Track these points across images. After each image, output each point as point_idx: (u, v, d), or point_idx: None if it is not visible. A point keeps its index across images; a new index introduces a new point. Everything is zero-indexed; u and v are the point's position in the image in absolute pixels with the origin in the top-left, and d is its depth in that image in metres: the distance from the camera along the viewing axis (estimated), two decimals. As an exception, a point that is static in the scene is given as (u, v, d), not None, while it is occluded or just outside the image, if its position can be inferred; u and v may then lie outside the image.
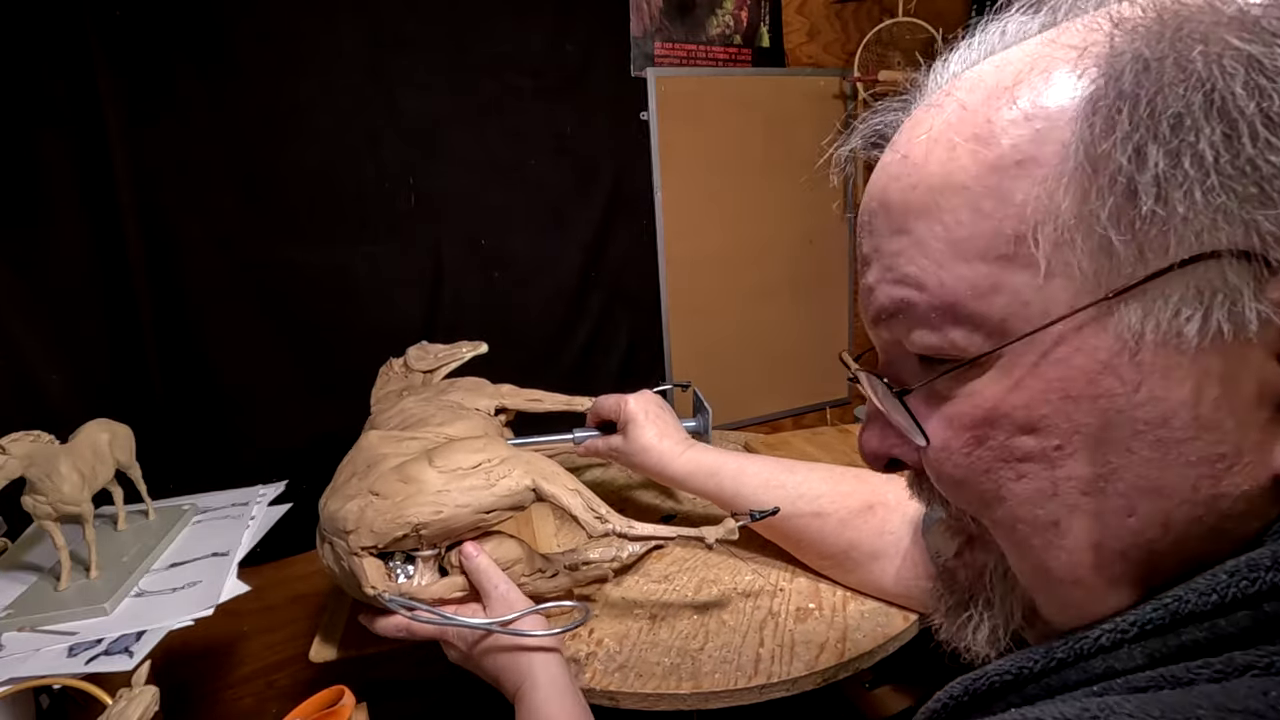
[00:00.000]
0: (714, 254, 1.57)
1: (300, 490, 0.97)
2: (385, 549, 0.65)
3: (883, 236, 0.30)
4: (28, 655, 0.64)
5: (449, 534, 0.65)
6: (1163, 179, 0.22)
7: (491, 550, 0.67)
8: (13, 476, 0.66)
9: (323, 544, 0.69)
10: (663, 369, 1.56)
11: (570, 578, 0.71)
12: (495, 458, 0.66)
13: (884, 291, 0.30)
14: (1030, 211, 0.25)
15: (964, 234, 0.26)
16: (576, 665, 0.64)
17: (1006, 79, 0.27)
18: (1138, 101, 0.23)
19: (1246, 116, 0.21)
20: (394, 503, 0.63)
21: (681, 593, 0.74)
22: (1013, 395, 0.27)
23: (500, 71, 1.27)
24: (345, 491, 0.67)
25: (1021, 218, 0.25)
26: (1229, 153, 0.22)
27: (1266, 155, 0.21)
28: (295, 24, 1.12)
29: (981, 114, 0.27)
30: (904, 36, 1.62)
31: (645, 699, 0.61)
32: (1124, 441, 0.25)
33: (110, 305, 1.07)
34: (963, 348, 0.28)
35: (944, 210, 0.27)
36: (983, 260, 0.26)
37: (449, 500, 0.63)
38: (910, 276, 0.28)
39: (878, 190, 0.31)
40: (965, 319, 0.27)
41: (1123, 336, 0.24)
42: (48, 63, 0.99)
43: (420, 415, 0.81)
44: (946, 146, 0.27)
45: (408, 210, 1.25)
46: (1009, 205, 0.26)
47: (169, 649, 0.67)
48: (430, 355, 1.02)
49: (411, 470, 0.65)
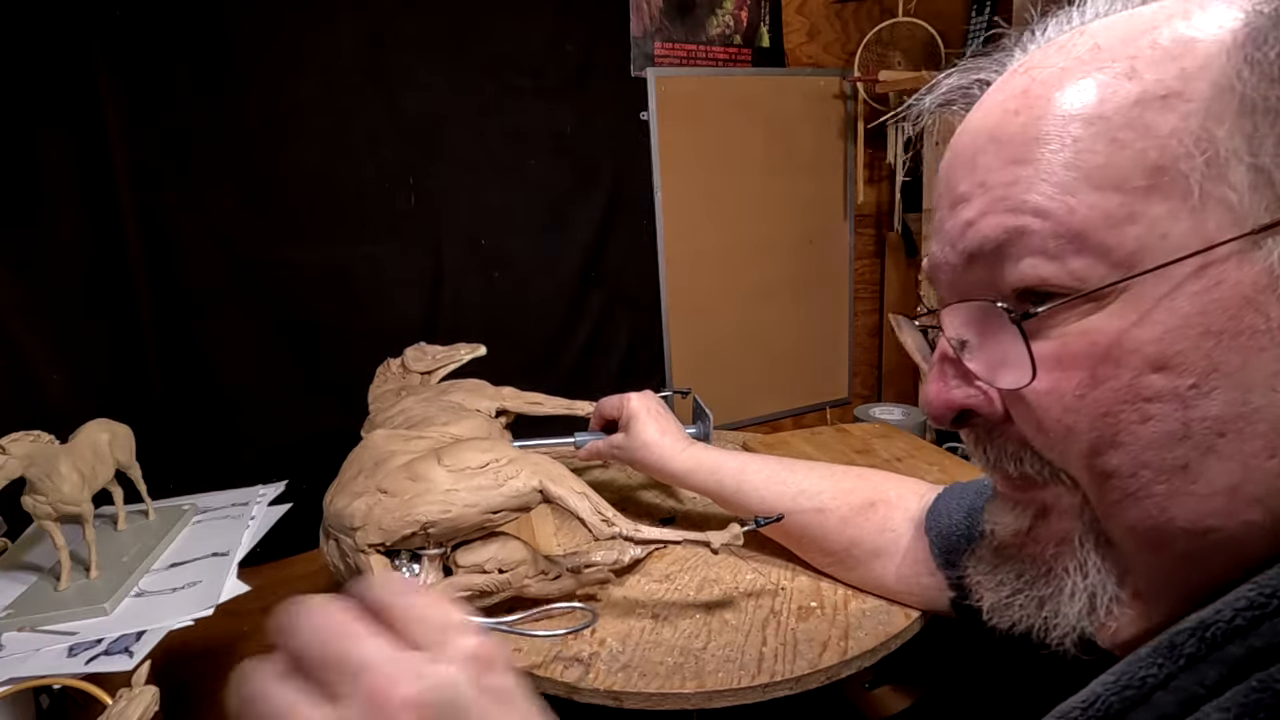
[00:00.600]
0: (714, 254, 1.57)
1: (300, 490, 0.97)
2: (392, 547, 0.65)
3: (993, 170, 0.29)
4: (28, 655, 0.64)
5: (456, 533, 0.65)
6: None
7: (496, 552, 0.66)
8: (13, 476, 0.66)
9: (327, 540, 0.69)
10: (663, 369, 1.56)
11: (574, 579, 0.71)
12: (503, 458, 0.66)
13: (992, 222, 0.28)
14: (1177, 143, 0.25)
15: (1098, 162, 0.26)
16: (581, 665, 0.64)
17: (1143, 24, 0.27)
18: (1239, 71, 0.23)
19: None
20: (402, 500, 0.63)
21: (683, 592, 0.74)
22: (1139, 330, 0.26)
23: (500, 71, 1.27)
24: (352, 488, 0.67)
25: (1166, 149, 0.25)
26: None
27: None
28: (295, 24, 1.12)
29: (1121, 51, 0.27)
30: (904, 36, 1.62)
31: (649, 699, 0.60)
32: (1268, 381, 0.24)
33: (110, 305, 1.07)
34: (1083, 278, 0.26)
35: (1077, 139, 0.26)
36: (1118, 190, 0.26)
37: (457, 500, 0.63)
38: (1030, 204, 0.27)
39: (987, 127, 0.30)
40: (1092, 248, 0.26)
41: (1273, 270, 0.24)
42: (48, 62, 0.99)
43: (423, 415, 0.81)
44: (1080, 79, 0.27)
45: (408, 210, 1.25)
46: (1152, 136, 0.25)
47: (169, 649, 0.67)
48: (428, 356, 1.02)
49: (420, 468, 0.65)
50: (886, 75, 1.50)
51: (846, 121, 1.65)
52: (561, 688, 0.62)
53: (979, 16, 1.34)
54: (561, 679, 0.62)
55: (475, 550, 0.67)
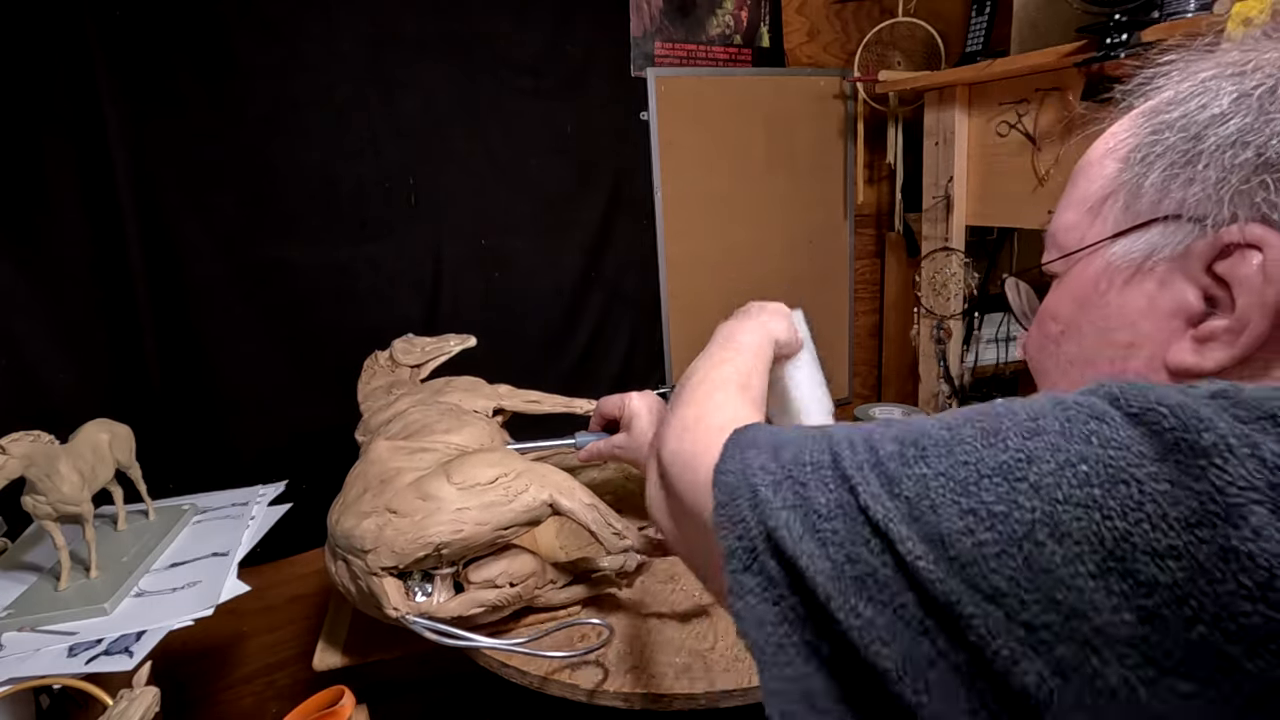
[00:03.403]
0: (714, 254, 1.57)
1: (300, 490, 0.97)
2: (404, 570, 0.64)
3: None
4: (28, 655, 0.64)
5: (468, 551, 0.64)
6: (1150, 185, 0.36)
7: (507, 565, 0.66)
8: (13, 476, 0.66)
9: (335, 561, 0.67)
10: (663, 369, 1.56)
11: (582, 586, 0.71)
12: (512, 471, 0.65)
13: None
14: (1109, 181, 0.38)
15: (1076, 193, 0.40)
16: (594, 668, 0.63)
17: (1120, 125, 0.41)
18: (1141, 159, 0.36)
19: (1168, 161, 0.34)
20: (413, 521, 0.62)
21: (688, 592, 0.74)
22: (1054, 296, 0.40)
23: (500, 71, 1.27)
24: (359, 508, 0.66)
25: (1105, 186, 0.38)
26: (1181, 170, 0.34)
27: (1188, 172, 0.34)
28: (295, 24, 1.12)
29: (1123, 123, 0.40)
30: (904, 36, 1.62)
31: (659, 699, 0.60)
32: (1097, 331, 0.37)
33: (110, 305, 1.07)
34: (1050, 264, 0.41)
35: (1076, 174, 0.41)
36: (1076, 210, 0.39)
37: (469, 518, 0.62)
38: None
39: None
40: (1056, 245, 0.41)
41: (1110, 262, 0.37)
42: (48, 63, 0.99)
43: (422, 421, 0.79)
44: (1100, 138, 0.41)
45: (408, 210, 1.25)
46: (1101, 178, 0.38)
47: (169, 649, 0.67)
48: (417, 349, 0.99)
49: (429, 487, 0.64)
50: (886, 75, 1.50)
51: (846, 121, 1.65)
52: (570, 690, 0.62)
53: (979, 16, 1.34)
54: (571, 681, 0.62)
55: (486, 566, 0.66)
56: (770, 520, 0.29)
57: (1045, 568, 0.23)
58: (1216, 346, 0.33)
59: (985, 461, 0.26)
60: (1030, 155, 1.23)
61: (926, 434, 0.28)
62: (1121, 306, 0.36)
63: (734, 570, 0.30)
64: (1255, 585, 0.20)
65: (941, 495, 0.26)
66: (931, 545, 0.25)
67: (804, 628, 0.28)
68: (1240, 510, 0.21)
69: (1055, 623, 0.22)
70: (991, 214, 1.37)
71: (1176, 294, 0.34)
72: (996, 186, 1.34)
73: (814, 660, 0.27)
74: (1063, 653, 0.22)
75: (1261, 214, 0.31)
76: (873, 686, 0.26)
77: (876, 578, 0.26)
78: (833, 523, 0.28)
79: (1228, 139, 0.32)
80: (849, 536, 0.27)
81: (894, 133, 1.60)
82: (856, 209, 1.71)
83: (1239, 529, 0.20)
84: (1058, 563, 0.23)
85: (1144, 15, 0.99)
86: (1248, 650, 0.20)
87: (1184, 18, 0.97)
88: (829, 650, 0.27)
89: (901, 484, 0.27)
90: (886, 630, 0.25)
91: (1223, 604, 0.20)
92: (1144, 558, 0.21)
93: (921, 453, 0.27)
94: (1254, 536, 0.20)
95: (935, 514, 0.25)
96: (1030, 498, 0.24)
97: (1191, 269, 0.33)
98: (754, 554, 0.29)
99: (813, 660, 0.27)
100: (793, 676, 0.27)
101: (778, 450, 0.32)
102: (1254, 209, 0.31)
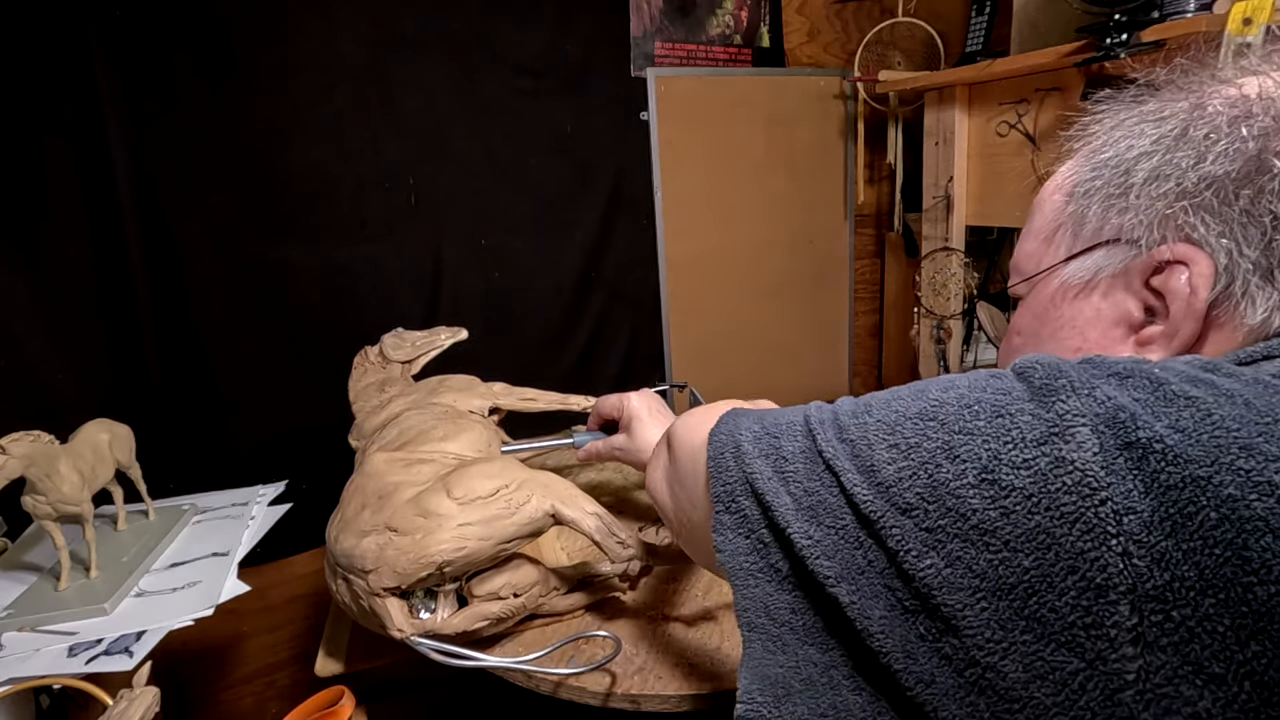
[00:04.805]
0: (714, 254, 1.57)
1: (300, 490, 0.97)
2: (407, 589, 0.63)
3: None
4: (28, 655, 0.64)
5: (471, 567, 0.63)
6: (1092, 215, 0.41)
7: (510, 576, 0.65)
8: (13, 476, 0.66)
9: (335, 579, 0.66)
10: (663, 369, 1.56)
11: (585, 593, 0.70)
12: (513, 482, 0.64)
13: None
14: (1062, 214, 0.44)
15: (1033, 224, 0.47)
16: (599, 673, 0.63)
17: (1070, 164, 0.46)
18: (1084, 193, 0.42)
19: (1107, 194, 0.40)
20: (415, 540, 0.61)
21: (691, 593, 0.74)
22: (1018, 314, 0.47)
23: (500, 71, 1.28)
24: (358, 526, 0.64)
25: (1059, 218, 0.44)
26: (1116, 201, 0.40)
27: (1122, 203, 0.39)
28: (295, 24, 1.12)
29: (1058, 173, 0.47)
30: (904, 36, 1.62)
31: (667, 700, 0.60)
32: (1054, 342, 0.43)
33: (110, 305, 1.07)
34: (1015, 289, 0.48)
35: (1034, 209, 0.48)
36: (1035, 240, 0.45)
37: (471, 534, 0.61)
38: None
39: None
40: (1019, 270, 0.47)
41: (1065, 282, 0.42)
42: (48, 63, 0.99)
43: (419, 427, 0.77)
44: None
45: (408, 210, 1.25)
46: (1054, 211, 0.45)
47: (169, 649, 0.67)
48: (407, 344, 0.96)
49: (429, 503, 0.63)
50: (886, 75, 1.50)
51: (846, 121, 1.65)
52: (576, 693, 0.62)
53: (979, 16, 1.34)
54: (579, 685, 0.62)
55: (489, 579, 0.65)
56: (748, 467, 0.36)
57: (941, 482, 0.29)
58: (1155, 349, 0.38)
59: (910, 409, 0.32)
60: (1030, 155, 1.23)
61: (876, 397, 0.35)
62: (1073, 317, 0.42)
63: (719, 511, 0.36)
64: (1073, 484, 0.27)
65: (876, 436, 0.32)
66: (865, 475, 0.31)
67: (768, 553, 0.34)
68: (1071, 429, 0.28)
69: (946, 524, 0.29)
70: (991, 214, 1.37)
71: (1119, 305, 0.40)
72: (996, 186, 1.34)
73: (774, 580, 0.34)
74: (952, 547, 0.28)
75: (1185, 235, 0.37)
76: (817, 595, 0.32)
77: (825, 505, 0.32)
78: (795, 465, 0.34)
79: (1152, 173, 0.38)
80: (807, 474, 0.33)
81: (894, 133, 1.60)
82: (856, 209, 1.71)
83: (1069, 443, 0.27)
84: (950, 478, 0.29)
85: (1144, 15, 0.99)
86: (1068, 530, 0.27)
87: (1184, 17, 0.97)
88: (787, 569, 0.33)
89: (849, 431, 0.33)
90: (831, 547, 0.31)
91: (1053, 498, 0.27)
92: (1007, 469, 0.28)
93: (867, 408, 0.34)
94: (1077, 448, 0.27)
95: (870, 450, 0.32)
96: (937, 431, 0.31)
97: (1132, 284, 0.39)
98: (734, 496, 0.36)
99: (774, 580, 0.34)
100: (758, 595, 0.34)
101: (762, 418, 0.39)
102: (1179, 230, 0.37)
